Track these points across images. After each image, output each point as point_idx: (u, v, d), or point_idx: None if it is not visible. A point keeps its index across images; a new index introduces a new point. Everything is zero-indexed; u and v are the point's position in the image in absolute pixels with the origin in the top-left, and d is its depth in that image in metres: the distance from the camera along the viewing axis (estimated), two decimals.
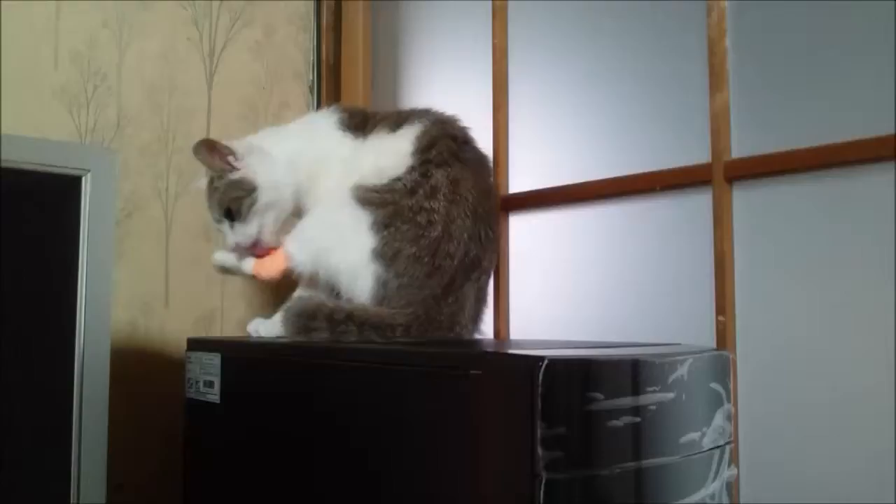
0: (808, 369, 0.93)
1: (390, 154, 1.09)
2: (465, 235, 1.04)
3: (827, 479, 0.91)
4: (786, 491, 0.94)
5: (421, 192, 1.04)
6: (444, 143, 1.08)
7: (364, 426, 0.81)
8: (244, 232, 1.12)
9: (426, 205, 1.03)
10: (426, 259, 1.02)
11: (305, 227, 1.12)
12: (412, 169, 1.06)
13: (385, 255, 1.02)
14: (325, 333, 1.00)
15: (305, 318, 1.03)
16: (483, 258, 1.07)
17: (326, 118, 1.19)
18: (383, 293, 1.02)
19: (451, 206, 1.04)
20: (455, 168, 1.07)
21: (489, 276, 1.14)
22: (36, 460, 0.85)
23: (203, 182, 1.18)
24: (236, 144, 1.15)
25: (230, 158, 1.13)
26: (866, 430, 0.88)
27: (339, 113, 1.19)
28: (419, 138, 1.09)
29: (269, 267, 1.13)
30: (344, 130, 1.16)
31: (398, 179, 1.06)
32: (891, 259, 0.87)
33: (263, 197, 1.12)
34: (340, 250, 1.05)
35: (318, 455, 0.87)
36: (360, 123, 1.17)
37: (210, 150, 1.12)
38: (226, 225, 1.13)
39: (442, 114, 1.15)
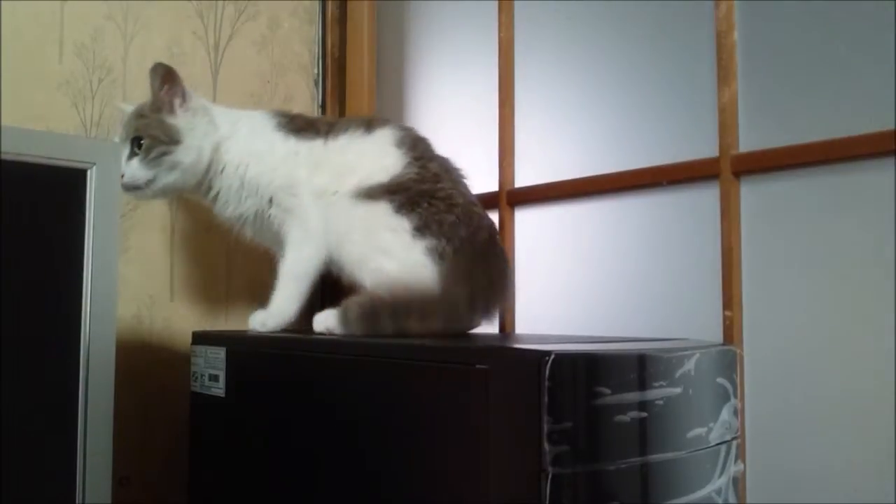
0: (815, 364, 0.93)
1: (386, 155, 1.13)
2: (478, 209, 1.12)
3: (833, 474, 0.90)
4: (792, 486, 0.94)
5: (429, 179, 1.10)
6: (422, 142, 1.17)
7: (369, 420, 0.81)
8: (137, 172, 1.08)
9: (436, 187, 1.09)
10: (465, 220, 1.07)
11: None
12: (410, 164, 1.12)
13: (429, 226, 1.05)
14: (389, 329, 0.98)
15: (372, 315, 0.98)
16: (497, 236, 1.15)
17: (263, 119, 1.19)
18: (441, 262, 1.04)
19: (457, 185, 1.13)
20: (441, 161, 1.15)
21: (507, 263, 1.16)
22: (41, 454, 0.85)
23: (131, 106, 1.15)
24: (194, 96, 1.15)
25: (177, 101, 1.11)
26: (873, 426, 0.87)
27: (278, 117, 1.19)
28: (402, 140, 1.15)
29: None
30: (285, 133, 1.17)
31: (400, 176, 1.10)
32: None
33: (179, 155, 1.10)
34: (383, 255, 1.06)
35: (324, 449, 0.87)
36: (303, 126, 1.18)
37: (166, 79, 1.11)
38: (126, 151, 1.08)
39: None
